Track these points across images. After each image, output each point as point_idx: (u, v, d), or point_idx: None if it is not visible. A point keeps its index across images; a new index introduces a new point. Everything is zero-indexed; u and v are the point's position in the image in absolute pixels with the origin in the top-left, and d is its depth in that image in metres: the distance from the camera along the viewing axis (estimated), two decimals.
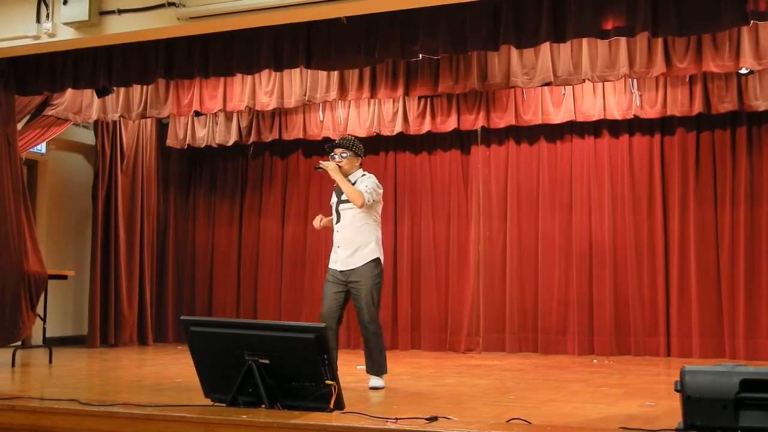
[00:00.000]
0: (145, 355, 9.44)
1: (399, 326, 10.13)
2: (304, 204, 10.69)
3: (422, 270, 10.16)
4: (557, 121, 9.38)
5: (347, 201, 6.25)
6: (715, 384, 3.51)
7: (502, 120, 9.53)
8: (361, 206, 6.16)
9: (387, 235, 10.22)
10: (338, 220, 6.32)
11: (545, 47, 7.72)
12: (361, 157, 6.46)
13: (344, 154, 6.35)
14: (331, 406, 4.30)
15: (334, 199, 6.44)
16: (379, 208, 6.42)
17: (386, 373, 6.26)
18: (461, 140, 10.18)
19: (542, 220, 9.73)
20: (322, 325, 4.56)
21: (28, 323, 8.17)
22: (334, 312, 6.17)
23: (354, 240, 6.22)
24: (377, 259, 6.24)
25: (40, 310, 8.40)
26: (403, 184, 10.40)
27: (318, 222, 6.47)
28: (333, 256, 6.35)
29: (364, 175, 6.38)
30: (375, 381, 6.18)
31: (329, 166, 6.26)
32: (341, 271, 6.22)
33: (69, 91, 8.81)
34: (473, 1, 6.39)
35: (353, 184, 6.29)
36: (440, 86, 8.25)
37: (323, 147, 6.72)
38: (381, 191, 6.37)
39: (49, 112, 9.04)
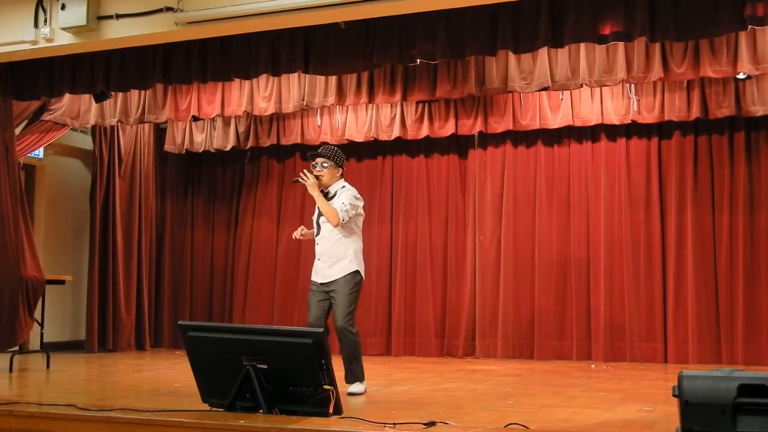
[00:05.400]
0: (143, 360, 9.43)
1: (393, 332, 10.11)
2: (300, 208, 10.67)
3: (418, 275, 10.15)
4: (555, 126, 9.38)
5: None
6: (713, 389, 3.51)
7: (499, 125, 9.54)
8: (336, 225, 6.18)
9: (383, 240, 10.25)
10: (318, 233, 6.33)
11: (543, 52, 7.72)
12: (342, 168, 6.44)
13: (325, 164, 6.33)
14: (329, 411, 4.29)
15: (316, 209, 6.42)
16: (360, 220, 6.40)
17: (364, 379, 6.24)
18: (459, 145, 10.19)
19: (539, 224, 9.72)
20: (320, 330, 4.56)
21: (25, 328, 8.17)
22: (322, 321, 6.18)
23: (332, 253, 6.23)
24: (356, 272, 6.25)
25: (37, 315, 8.40)
26: (400, 188, 10.39)
27: (298, 233, 6.44)
28: (314, 266, 6.36)
29: (344, 187, 6.36)
30: (354, 387, 6.17)
31: (308, 181, 6.22)
32: (321, 283, 6.25)
33: (67, 96, 8.82)
34: (471, 7, 6.41)
35: (333, 195, 6.29)
36: (438, 91, 8.24)
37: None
38: (360, 204, 6.35)
39: (46, 117, 9.05)
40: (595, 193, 9.52)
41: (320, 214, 6.31)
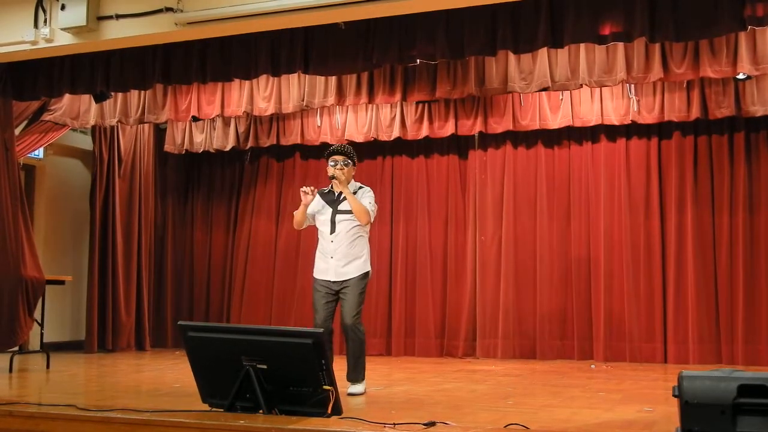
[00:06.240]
0: (143, 361, 9.43)
1: (394, 332, 10.12)
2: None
3: (418, 275, 10.15)
4: (555, 126, 9.38)
5: (344, 212, 6.25)
6: (712, 389, 3.50)
7: (499, 125, 9.54)
8: (366, 224, 6.25)
9: (383, 240, 10.25)
10: (332, 231, 6.29)
11: (543, 52, 7.73)
12: (355, 167, 6.49)
13: (346, 162, 6.33)
14: (329, 411, 4.29)
15: (324, 207, 6.36)
16: None
17: (364, 379, 6.25)
18: (459, 145, 10.19)
19: (539, 225, 9.72)
20: (320, 330, 4.56)
21: (25, 328, 8.17)
22: (329, 322, 6.19)
23: (348, 252, 6.23)
24: (368, 272, 6.31)
25: (37, 315, 8.40)
26: (400, 188, 10.40)
27: (309, 192, 6.27)
28: (322, 265, 6.30)
29: (361, 187, 6.40)
30: (354, 387, 6.17)
31: (341, 178, 6.24)
32: (333, 281, 6.23)
33: (67, 97, 8.82)
34: (471, 7, 6.41)
35: (353, 194, 6.30)
36: (438, 91, 8.24)
37: (321, 152, 6.69)
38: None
39: (46, 117, 9.05)
40: (595, 193, 9.51)
41: (336, 213, 6.29)
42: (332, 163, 6.31)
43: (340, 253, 6.23)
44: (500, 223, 9.87)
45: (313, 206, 6.41)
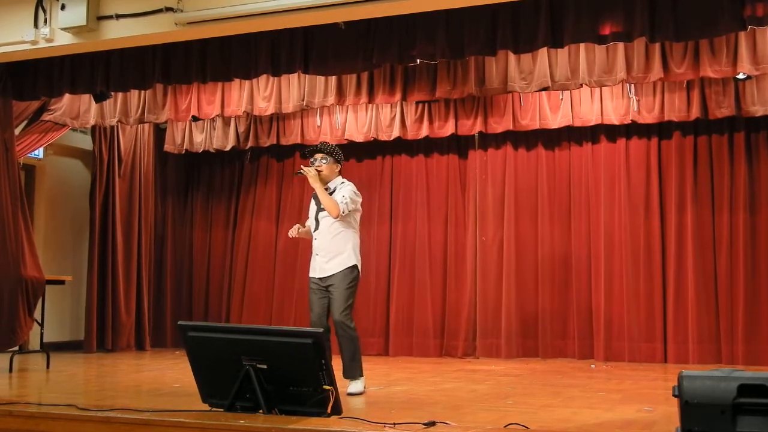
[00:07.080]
0: (143, 360, 9.43)
1: (392, 332, 10.11)
2: (298, 208, 10.65)
3: (417, 275, 10.13)
4: (555, 126, 9.38)
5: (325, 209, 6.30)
6: (712, 389, 3.50)
7: (499, 125, 9.53)
8: (337, 217, 6.25)
9: (383, 240, 10.25)
10: (317, 228, 6.37)
11: (543, 52, 7.72)
12: (341, 164, 6.51)
13: (324, 160, 6.40)
14: (329, 411, 4.29)
15: (313, 206, 6.48)
16: (358, 215, 6.48)
17: (362, 376, 6.26)
18: (459, 145, 10.18)
19: (540, 224, 9.72)
20: (320, 330, 4.57)
21: (25, 328, 8.17)
22: (323, 319, 6.22)
23: (331, 248, 6.28)
24: (354, 266, 6.30)
25: (37, 315, 8.40)
26: (399, 188, 10.39)
27: (294, 231, 6.50)
28: (312, 263, 6.40)
29: (343, 183, 6.43)
30: (352, 387, 6.18)
31: (309, 172, 6.32)
32: (320, 278, 6.28)
33: (66, 96, 8.82)
34: (471, 7, 6.41)
35: (332, 191, 6.35)
36: (438, 91, 8.24)
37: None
38: (359, 200, 6.43)
39: (46, 117, 9.05)
40: (595, 193, 9.51)
41: (319, 210, 6.36)
42: (312, 161, 6.41)
43: (324, 250, 6.30)
44: (501, 223, 9.86)
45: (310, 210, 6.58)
